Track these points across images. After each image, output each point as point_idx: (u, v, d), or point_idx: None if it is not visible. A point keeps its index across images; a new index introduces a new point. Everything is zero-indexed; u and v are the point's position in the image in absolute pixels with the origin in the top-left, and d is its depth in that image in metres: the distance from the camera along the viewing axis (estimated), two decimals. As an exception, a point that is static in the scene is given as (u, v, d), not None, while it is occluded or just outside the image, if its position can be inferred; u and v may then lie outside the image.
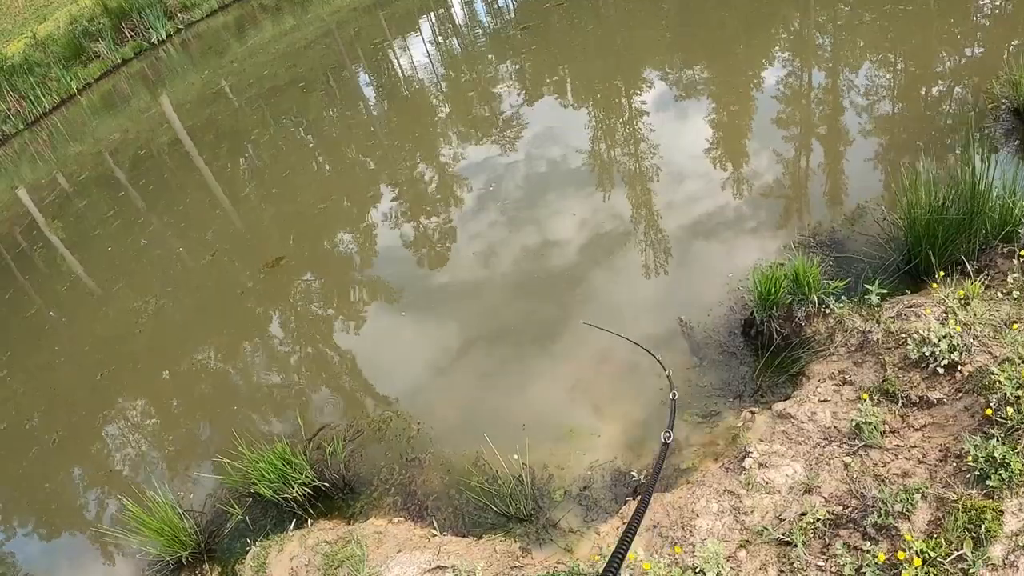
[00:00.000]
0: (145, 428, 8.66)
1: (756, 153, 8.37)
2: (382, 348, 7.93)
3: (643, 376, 6.07)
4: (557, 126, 11.05)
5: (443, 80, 15.76)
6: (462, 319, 7.68)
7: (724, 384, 5.69)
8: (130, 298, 11.45)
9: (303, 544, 5.77)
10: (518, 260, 8.20)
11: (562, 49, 14.00)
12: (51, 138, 24.87)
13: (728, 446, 5.09)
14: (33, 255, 15.83)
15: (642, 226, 7.96)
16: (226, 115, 18.83)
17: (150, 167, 17.38)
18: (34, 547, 7.92)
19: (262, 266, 10.22)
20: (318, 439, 6.71)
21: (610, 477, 5.41)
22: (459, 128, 12.84)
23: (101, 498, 7.99)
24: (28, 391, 10.51)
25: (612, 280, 7.37)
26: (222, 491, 6.75)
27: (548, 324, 7.04)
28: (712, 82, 10.56)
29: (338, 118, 15.88)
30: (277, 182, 13.43)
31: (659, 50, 12.51)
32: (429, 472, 6.09)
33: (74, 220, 16.45)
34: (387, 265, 9.34)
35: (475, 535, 5.41)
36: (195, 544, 6.24)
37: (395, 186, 11.29)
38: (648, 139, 9.68)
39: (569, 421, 5.94)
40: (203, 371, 9.07)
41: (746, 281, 6.24)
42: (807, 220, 6.98)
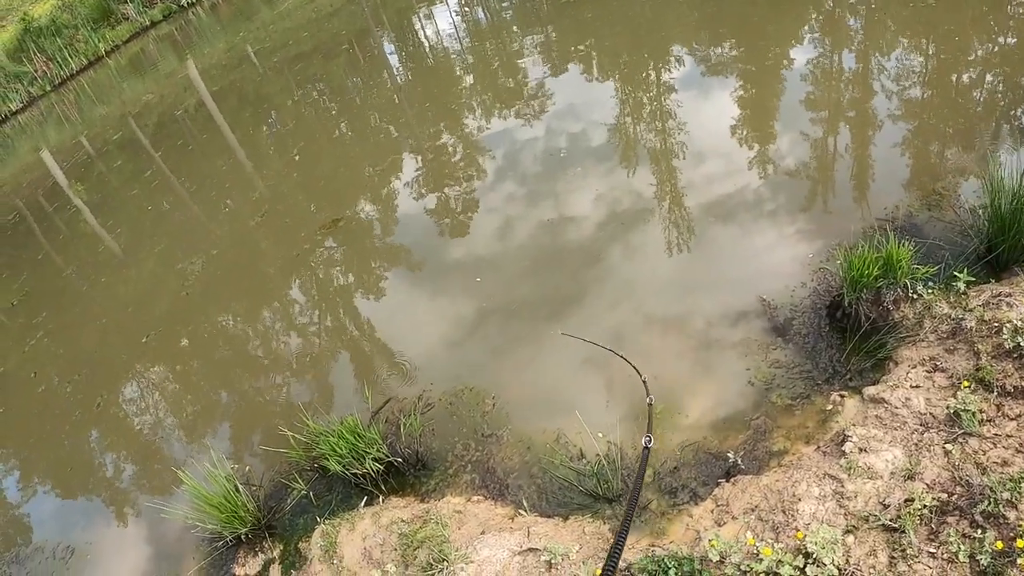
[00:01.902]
0: (195, 396, 8.14)
1: (827, 134, 7.80)
2: (452, 319, 7.30)
3: (723, 356, 5.60)
4: (584, 100, 10.47)
5: (468, 50, 15.11)
6: (539, 291, 7.10)
7: (810, 366, 5.22)
8: (169, 260, 10.95)
9: (376, 523, 5.24)
10: (598, 230, 7.63)
11: (589, 21, 13.37)
12: (77, 100, 24.30)
13: (818, 429, 4.72)
14: (58, 218, 15.29)
15: (714, 202, 7.36)
16: (251, 81, 18.32)
17: (175, 131, 16.89)
18: (80, 519, 7.44)
19: (318, 228, 9.66)
20: (385, 412, 6.12)
21: (701, 457, 4.95)
22: (483, 99, 12.31)
23: (151, 469, 7.51)
24: (68, 354, 10.00)
25: (695, 256, 6.83)
26: (282, 464, 6.21)
27: (633, 305, 6.48)
28: (750, 59, 9.94)
29: (362, 86, 15.24)
30: (301, 147, 12.95)
31: (689, 25, 11.84)
32: (508, 449, 5.56)
33: (99, 182, 15.89)
34: (464, 235, 8.73)
35: (561, 516, 4.91)
36: (255, 520, 5.70)
37: (421, 155, 10.71)
38: (685, 116, 9.12)
39: (657, 399, 5.34)
40: (255, 337, 8.56)
41: (828, 262, 5.83)
42: (884, 203, 6.44)
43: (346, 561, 5.15)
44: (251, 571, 5.67)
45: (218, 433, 7.33)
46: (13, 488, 8.48)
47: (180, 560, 6.16)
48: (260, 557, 5.70)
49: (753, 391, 5.20)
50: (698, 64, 10.15)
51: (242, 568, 5.72)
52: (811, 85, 8.65)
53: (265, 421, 7.08)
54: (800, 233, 6.50)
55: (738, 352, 5.51)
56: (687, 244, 6.90)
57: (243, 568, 5.71)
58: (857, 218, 6.39)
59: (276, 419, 6.83)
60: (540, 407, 5.78)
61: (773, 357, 5.38)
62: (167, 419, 7.98)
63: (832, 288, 5.59)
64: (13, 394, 9.93)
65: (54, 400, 9.16)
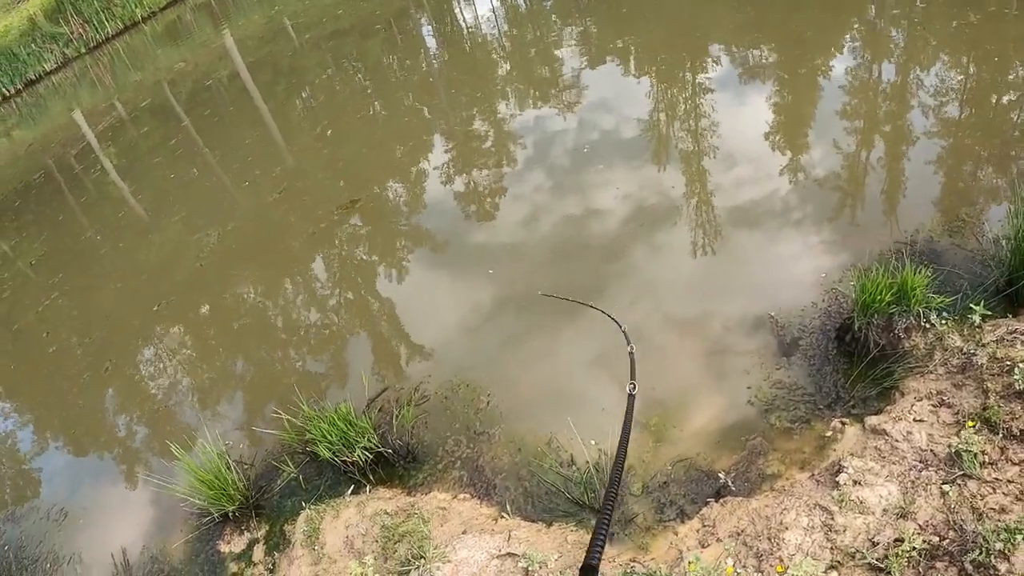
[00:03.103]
0: (199, 368, 8.19)
1: (858, 148, 7.61)
2: (456, 310, 7.25)
3: (726, 371, 5.48)
4: (618, 95, 10.32)
5: (505, 37, 15.00)
6: (557, 284, 6.94)
7: (813, 389, 5.08)
8: (188, 230, 11.00)
9: (361, 512, 5.24)
10: (621, 226, 7.53)
11: (628, 16, 13.20)
12: (112, 64, 24.46)
13: (814, 455, 4.60)
14: (85, 179, 15.40)
15: (739, 208, 7.23)
16: (286, 54, 18.32)
17: (207, 100, 16.96)
18: (77, 483, 7.52)
19: (337, 208, 9.68)
20: (379, 401, 6.10)
21: (692, 475, 4.84)
22: (517, 87, 12.19)
23: (149, 438, 7.55)
24: (81, 315, 10.11)
25: (713, 261, 6.69)
26: (274, 446, 6.22)
27: (645, 309, 6.37)
28: (787, 65, 9.75)
29: (398, 66, 15.19)
30: (332, 124, 12.92)
31: (728, 26, 11.64)
32: (498, 448, 5.52)
33: (128, 147, 15.98)
34: (481, 222, 8.70)
35: (545, 521, 4.85)
36: (243, 499, 5.72)
37: (454, 138, 10.67)
38: (717, 118, 8.95)
39: (652, 411, 5.32)
40: (263, 313, 8.57)
41: (841, 283, 5.70)
42: (907, 224, 6.24)
43: (328, 548, 5.15)
44: (236, 548, 5.70)
45: (216, 407, 7.37)
46: (16, 445, 8.57)
47: (169, 531, 6.20)
48: (246, 536, 5.72)
49: (752, 410, 5.08)
50: (735, 66, 9.99)
51: (227, 545, 5.74)
52: (847, 95, 8.46)
53: (263, 399, 7.09)
54: (819, 247, 6.34)
55: (741, 368, 5.39)
56: (709, 248, 6.76)
57: (228, 545, 5.74)
58: (875, 239, 6.20)
59: (274, 398, 6.83)
60: (535, 408, 5.72)
61: (776, 377, 5.25)
62: (170, 389, 8.03)
63: (843, 310, 5.44)
64: (25, 351, 10.04)
65: (64, 361, 9.25)
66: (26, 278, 12.28)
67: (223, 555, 5.71)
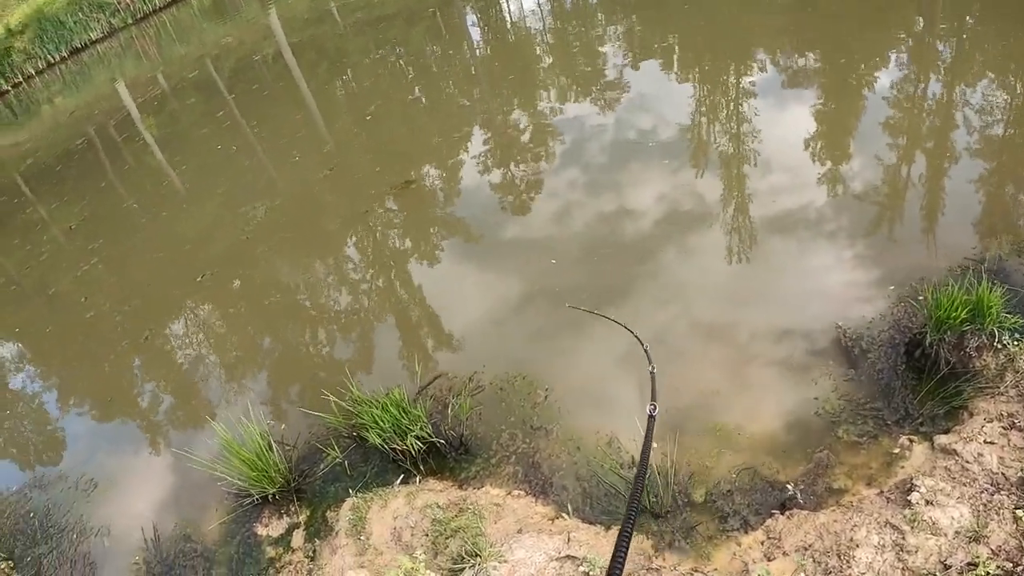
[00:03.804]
0: (240, 343, 7.92)
1: (910, 164, 7.19)
2: (511, 300, 6.84)
3: (791, 380, 5.16)
4: (659, 95, 9.96)
5: (550, 31, 14.67)
6: (588, 280, 6.71)
7: (881, 404, 4.76)
8: (231, 203, 10.79)
9: (410, 503, 4.92)
10: (655, 227, 7.22)
11: (674, 16, 12.82)
12: (157, 36, 24.38)
13: (881, 471, 4.33)
14: (127, 149, 15.24)
15: (794, 215, 6.85)
16: (330, 36, 18.11)
17: (250, 78, 16.76)
18: (108, 453, 7.30)
19: (391, 188, 9.41)
20: (431, 389, 5.77)
21: (756, 484, 4.54)
22: (559, 81, 11.86)
23: (185, 412, 7.31)
24: (120, 283, 9.90)
25: (765, 272, 6.30)
26: (318, 428, 5.92)
27: (711, 313, 6.02)
28: (831, 74, 9.31)
29: (440, 54, 14.91)
30: (372, 108, 12.65)
31: (774, 32, 11.20)
32: (556, 445, 5.19)
33: (169, 119, 15.81)
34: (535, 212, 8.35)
35: (603, 524, 4.55)
36: (284, 481, 5.42)
37: (495, 128, 10.39)
38: (760, 123, 8.51)
39: (717, 416, 5.01)
40: (308, 290, 8.32)
41: (911, 297, 5.33)
42: (972, 244, 5.84)
43: (374, 539, 4.85)
44: (274, 532, 5.41)
45: (258, 385, 7.10)
46: (46, 410, 8.33)
47: (203, 510, 5.94)
48: (285, 520, 5.43)
49: (819, 421, 4.78)
50: (780, 73, 9.58)
51: (265, 528, 5.45)
52: (893, 108, 8.04)
53: (307, 379, 6.83)
54: (884, 259, 5.97)
55: (807, 378, 5.07)
56: (760, 254, 6.42)
57: (266, 529, 5.45)
58: (942, 255, 5.85)
59: (318, 378, 6.58)
60: (594, 407, 5.41)
61: (844, 389, 4.94)
62: (210, 363, 7.80)
63: (913, 325, 5.10)
64: (61, 315, 9.82)
65: (101, 326, 9.05)
66: (65, 242, 12.09)
67: (260, 538, 5.42)
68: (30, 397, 9.07)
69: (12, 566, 6.40)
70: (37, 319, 10.29)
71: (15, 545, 6.56)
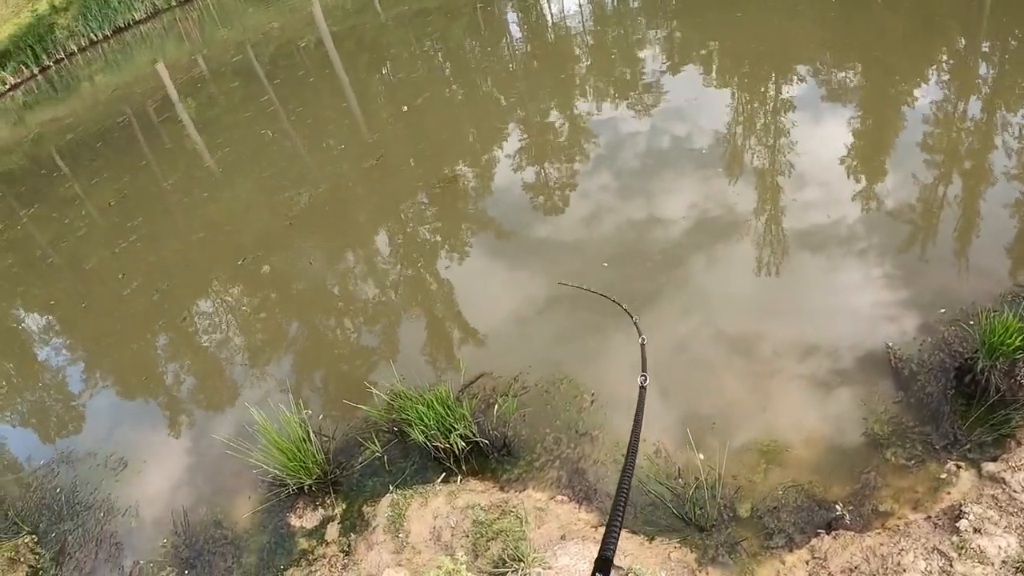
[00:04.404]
0: (281, 329, 7.78)
1: (971, 186, 6.85)
2: (561, 302, 6.58)
3: (840, 398, 4.96)
4: (696, 102, 9.68)
5: (589, 33, 14.46)
6: (663, 289, 6.44)
7: (930, 428, 4.58)
8: (273, 188, 10.65)
9: (451, 503, 4.75)
10: (685, 236, 7.00)
11: (714, 24, 12.55)
12: (200, 19, 24.37)
13: (927, 496, 4.19)
14: (165, 129, 15.19)
15: (827, 233, 6.56)
16: (371, 28, 18.01)
17: (289, 65, 16.72)
18: (140, 433, 7.17)
19: (438, 182, 9.25)
20: (474, 387, 5.59)
21: (803, 503, 4.37)
22: (597, 84, 11.62)
23: (223, 397, 7.20)
24: (159, 261, 9.80)
25: (818, 290, 6.05)
26: (356, 420, 5.79)
27: (766, 334, 5.72)
28: (871, 90, 9.02)
29: (479, 50, 14.76)
30: (408, 101, 12.48)
31: (814, 44, 10.90)
32: (601, 452, 5.01)
33: (208, 103, 15.74)
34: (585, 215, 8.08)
35: (646, 535, 4.36)
36: (321, 473, 5.25)
37: (532, 128, 10.20)
38: (806, 137, 8.19)
39: (766, 432, 4.82)
40: (351, 280, 8.17)
41: (960, 321, 5.11)
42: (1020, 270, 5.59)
43: (412, 537, 4.68)
44: (307, 524, 5.25)
45: (296, 373, 6.96)
46: (79, 386, 8.22)
47: (234, 497, 5.81)
48: (319, 512, 5.28)
49: (867, 442, 4.60)
50: (818, 85, 9.30)
51: (299, 520, 5.30)
52: (933, 126, 7.75)
53: (345, 370, 6.67)
54: (930, 283, 5.71)
55: (856, 397, 4.88)
56: (802, 268, 6.18)
57: (300, 520, 5.30)
58: (994, 280, 5.59)
59: (358, 370, 6.42)
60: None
61: (893, 410, 4.75)
62: (247, 349, 7.67)
63: (964, 351, 4.91)
64: (97, 290, 9.74)
65: (137, 304, 8.95)
66: (102, 219, 12.01)
67: (293, 529, 5.27)
68: (61, 371, 8.98)
69: (36, 540, 6.30)
70: (73, 293, 10.22)
71: (40, 520, 6.46)
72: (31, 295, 11.18)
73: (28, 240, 12.90)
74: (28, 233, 13.25)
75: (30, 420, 8.31)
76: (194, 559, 5.44)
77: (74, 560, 5.95)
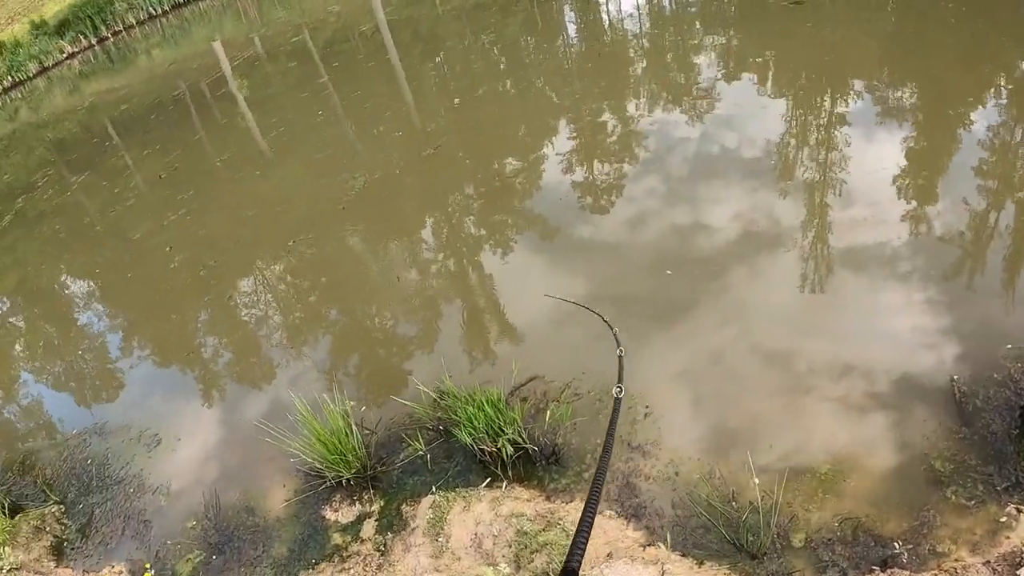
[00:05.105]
0: (329, 314, 7.60)
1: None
2: (616, 307, 6.30)
3: (903, 431, 4.65)
4: (749, 112, 9.24)
5: (646, 36, 14.13)
6: (657, 292, 6.25)
7: (992, 468, 4.29)
8: (327, 171, 10.47)
9: (495, 510, 4.50)
10: (731, 246, 6.64)
11: (772, 34, 12.10)
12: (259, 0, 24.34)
13: (986, 539, 3.94)
14: (217, 107, 15.11)
15: (898, 255, 6.16)
16: (428, 19, 17.86)
17: (344, 50, 16.64)
18: (176, 410, 7.02)
19: (496, 177, 9.00)
20: (525, 390, 5.32)
21: (858, 537, 4.11)
22: (650, 87, 11.29)
23: (262, 380, 7.02)
24: (208, 237, 9.70)
25: (877, 316, 5.63)
26: (398, 415, 5.56)
27: (822, 359, 5.38)
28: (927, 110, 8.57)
29: (534, 47, 14.50)
30: (461, 93, 12.37)
31: (872, 60, 10.41)
32: (653, 468, 4.74)
33: (260, 82, 15.66)
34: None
35: (696, 558, 4.11)
36: (361, 467, 5.01)
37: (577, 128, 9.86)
38: (860, 154, 7.69)
39: (820, 459, 4.55)
40: (404, 268, 7.93)
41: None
42: None
43: (453, 542, 4.45)
44: (343, 519, 5.04)
45: (340, 363, 6.77)
46: (117, 356, 8.09)
47: (267, 484, 5.63)
48: (356, 507, 5.06)
49: (927, 478, 4.32)
50: (874, 103, 8.84)
51: (334, 513, 5.09)
52: (989, 152, 7.30)
53: (391, 363, 6.48)
54: (998, 318, 5.31)
55: (917, 430, 4.59)
56: (854, 288, 5.82)
57: (336, 514, 5.08)
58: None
59: (402, 364, 6.22)
60: (697, 433, 4.93)
61: (955, 447, 4.46)
62: (292, 332, 7.49)
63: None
64: (143, 262, 9.65)
65: (185, 279, 8.86)
66: (151, 191, 11.90)
67: (328, 522, 5.07)
68: (101, 340, 8.87)
69: (64, 511, 6.17)
70: (118, 263, 10.11)
71: (68, 489, 6.35)
72: (77, 261, 11.14)
73: (77, 207, 12.90)
74: (77, 200, 13.25)
75: (67, 385, 8.20)
76: (223, 544, 5.28)
77: (100, 534, 5.82)
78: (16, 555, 5.71)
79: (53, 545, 5.88)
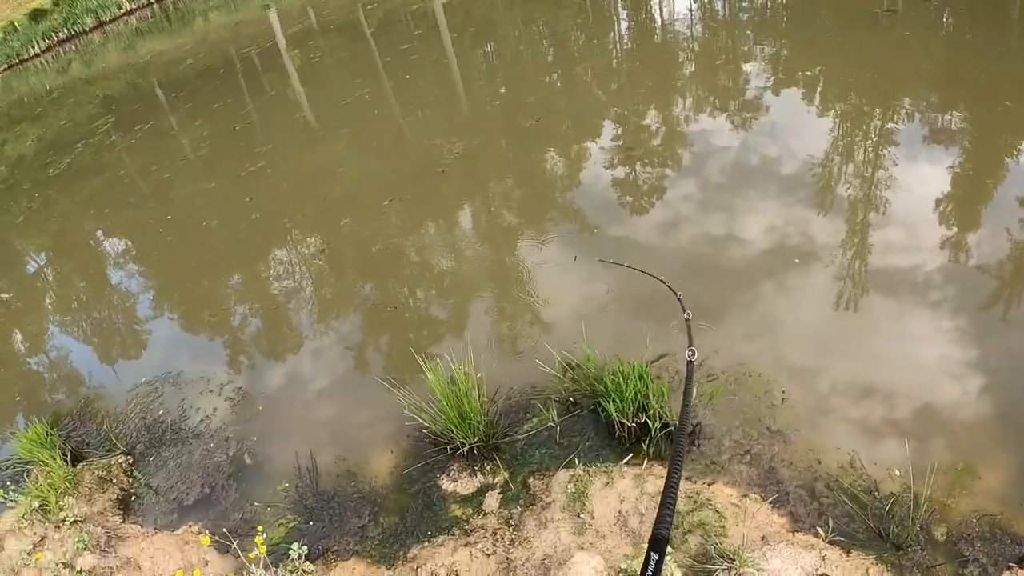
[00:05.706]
0: (430, 275, 7.30)
1: None
2: (759, 288, 6.02)
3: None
4: (795, 125, 8.96)
5: (697, 40, 13.87)
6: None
7: None
8: (424, 134, 10.34)
9: (639, 487, 4.26)
10: (765, 256, 6.38)
11: (824, 47, 11.80)
12: (317, -29, 24.18)
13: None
14: (268, 78, 14.86)
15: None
16: (481, 4, 17.59)
17: (396, 31, 16.39)
18: (264, 367, 6.79)
19: (617, 152, 8.76)
20: (657, 366, 5.06)
21: (995, 534, 3.99)
22: (697, 92, 10.96)
23: (356, 336, 6.73)
24: (292, 192, 9.50)
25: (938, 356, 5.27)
26: (522, 385, 5.27)
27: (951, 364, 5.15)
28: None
29: (584, 42, 14.30)
30: (508, 82, 12.28)
31: (923, 81, 9.98)
32: (794, 454, 4.52)
33: (312, 55, 15.44)
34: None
35: (843, 547, 3.95)
36: (484, 435, 4.72)
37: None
38: (897, 172, 7.44)
39: (960, 455, 4.37)
40: (511, 232, 7.62)
41: None
42: None
43: (596, 519, 4.21)
44: (461, 489, 4.78)
45: (462, 325, 6.43)
46: (204, 302, 7.82)
47: (372, 448, 5.37)
48: (477, 478, 4.80)
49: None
50: (922, 124, 8.48)
51: (452, 484, 4.82)
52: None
53: (514, 329, 6.16)
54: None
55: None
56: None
57: (453, 484, 4.82)
58: None
59: (528, 331, 5.98)
60: (836, 421, 4.68)
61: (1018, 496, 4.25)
62: (393, 290, 7.20)
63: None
64: (224, 211, 9.50)
65: (267, 230, 8.64)
66: (224, 141, 11.60)
67: (444, 493, 4.80)
68: (180, 285, 8.57)
69: (132, 462, 5.88)
70: (193, 209, 9.81)
71: (138, 441, 6.09)
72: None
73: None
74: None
75: (136, 334, 7.91)
76: (320, 510, 5.00)
77: (175, 490, 5.54)
78: (79, 506, 5.40)
79: (120, 498, 5.60)
